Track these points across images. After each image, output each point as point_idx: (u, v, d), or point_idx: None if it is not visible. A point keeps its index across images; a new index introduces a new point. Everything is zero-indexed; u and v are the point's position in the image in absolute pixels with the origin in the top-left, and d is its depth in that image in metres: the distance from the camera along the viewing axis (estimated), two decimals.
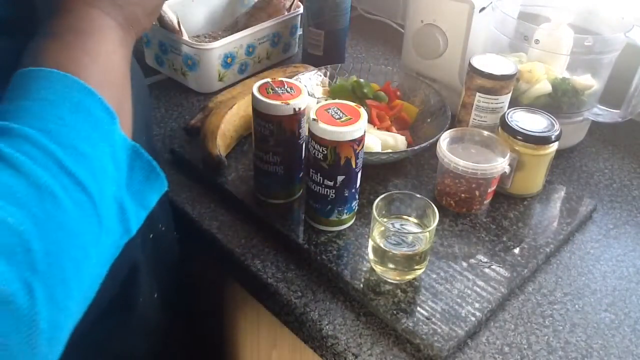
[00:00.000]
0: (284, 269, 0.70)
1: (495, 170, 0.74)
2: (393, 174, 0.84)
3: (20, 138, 0.38)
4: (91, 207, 0.40)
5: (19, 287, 0.35)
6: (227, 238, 0.74)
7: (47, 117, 0.40)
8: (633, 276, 0.72)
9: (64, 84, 0.42)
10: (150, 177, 0.47)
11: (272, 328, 0.78)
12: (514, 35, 0.88)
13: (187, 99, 1.00)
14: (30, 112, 0.40)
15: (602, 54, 0.86)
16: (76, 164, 0.40)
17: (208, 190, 0.81)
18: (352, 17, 1.11)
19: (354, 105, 0.68)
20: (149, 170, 0.47)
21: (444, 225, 0.75)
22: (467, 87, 0.83)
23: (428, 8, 0.92)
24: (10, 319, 0.35)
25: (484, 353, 0.62)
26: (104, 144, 0.43)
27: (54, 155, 0.39)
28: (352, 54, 1.17)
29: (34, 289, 0.36)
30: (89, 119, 0.42)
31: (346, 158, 0.66)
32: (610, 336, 0.65)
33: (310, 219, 0.74)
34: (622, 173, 0.90)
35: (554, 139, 0.77)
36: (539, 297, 0.69)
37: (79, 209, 0.39)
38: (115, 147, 0.44)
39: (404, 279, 0.67)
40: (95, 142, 0.42)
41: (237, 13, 1.15)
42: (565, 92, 0.87)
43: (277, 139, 0.71)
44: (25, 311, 0.35)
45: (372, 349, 0.62)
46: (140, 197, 0.47)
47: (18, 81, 0.42)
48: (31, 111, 0.40)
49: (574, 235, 0.78)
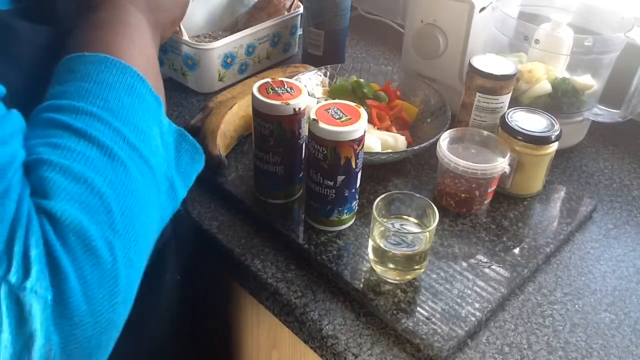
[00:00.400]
0: (284, 269, 0.70)
1: (495, 170, 0.74)
2: (393, 174, 0.84)
3: (88, 115, 0.42)
4: (153, 179, 0.44)
5: (102, 244, 0.38)
6: (227, 238, 0.74)
7: (108, 97, 0.44)
8: (633, 276, 0.72)
9: (119, 70, 0.46)
10: (195, 158, 0.52)
11: (272, 328, 0.78)
12: (514, 35, 0.88)
13: (187, 99, 1.00)
14: (91, 93, 0.43)
15: (602, 54, 0.86)
16: (138, 140, 0.44)
17: (208, 190, 0.81)
18: (352, 17, 1.11)
19: (354, 105, 0.68)
20: (194, 151, 0.52)
21: (444, 225, 0.75)
22: (467, 87, 0.83)
23: (428, 8, 0.92)
24: (97, 274, 0.38)
25: (484, 353, 0.62)
26: (155, 126, 0.47)
27: (119, 131, 0.42)
28: (352, 54, 1.17)
29: (115, 246, 0.39)
30: (142, 102, 0.46)
31: (346, 158, 0.66)
32: (610, 336, 0.65)
33: (310, 219, 0.74)
34: (622, 173, 0.90)
35: (554, 139, 0.77)
36: (539, 297, 0.69)
37: (144, 179, 0.43)
38: (163, 130, 0.48)
39: (404, 279, 0.67)
40: (150, 123, 0.46)
41: (237, 13, 1.15)
42: (565, 92, 0.87)
43: (277, 139, 0.71)
44: (109, 266, 0.38)
45: (372, 349, 0.62)
46: (186, 176, 0.51)
47: (74, 65, 0.45)
48: (93, 92, 0.43)
49: (574, 235, 0.78)
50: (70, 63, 0.46)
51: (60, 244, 0.37)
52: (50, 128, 0.41)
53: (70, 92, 0.43)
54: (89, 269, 0.37)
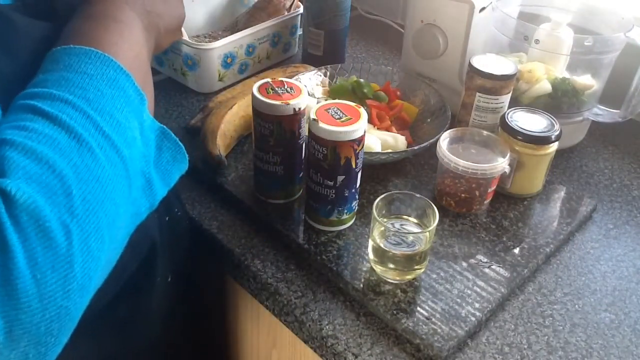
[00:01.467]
0: (284, 269, 0.70)
1: (495, 170, 0.74)
2: (393, 174, 0.84)
3: (62, 102, 0.42)
4: (123, 169, 0.43)
5: (58, 227, 0.37)
6: (227, 238, 0.74)
7: (87, 87, 0.44)
8: (633, 276, 0.72)
9: (103, 62, 0.46)
10: (177, 157, 0.52)
11: (272, 328, 0.78)
12: (514, 35, 0.88)
13: (187, 99, 1.00)
14: (71, 82, 0.43)
15: (602, 54, 0.86)
16: (112, 129, 0.43)
17: (208, 190, 0.81)
18: (352, 17, 1.11)
19: (354, 105, 0.68)
20: (176, 151, 0.51)
21: (444, 225, 0.75)
22: (467, 87, 0.83)
23: (428, 8, 0.92)
24: (49, 257, 0.36)
25: (484, 353, 0.62)
26: (134, 120, 0.46)
27: (93, 119, 0.42)
28: (352, 54, 1.17)
29: (72, 231, 0.38)
30: (123, 95, 0.46)
31: (346, 158, 0.66)
32: (610, 336, 0.65)
33: (310, 219, 0.74)
34: (622, 173, 0.90)
35: (554, 139, 0.77)
36: (539, 297, 0.69)
37: (114, 168, 0.42)
38: (144, 126, 0.48)
39: (404, 279, 0.67)
40: (128, 116, 0.45)
41: (237, 13, 1.15)
42: (565, 92, 0.87)
43: (277, 139, 0.71)
44: (63, 250, 0.37)
45: (372, 349, 0.62)
46: (167, 175, 0.50)
47: (59, 56, 0.46)
48: (72, 81, 0.44)
49: (574, 235, 0.78)
50: (56, 54, 0.46)
51: (11, 222, 0.35)
52: (23, 113, 0.41)
53: (50, 81, 0.43)
54: (40, 250, 0.36)
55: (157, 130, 0.50)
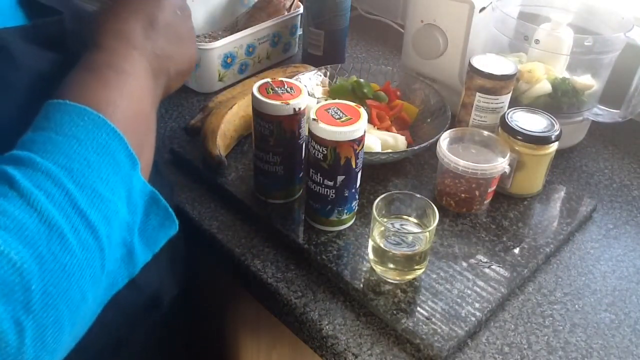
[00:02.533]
0: (284, 269, 0.70)
1: (495, 170, 0.74)
2: (393, 174, 0.84)
3: (42, 173, 0.40)
4: (97, 251, 0.41)
5: (10, 326, 0.35)
6: (227, 238, 0.74)
7: (73, 155, 0.42)
8: (633, 276, 0.72)
9: (95, 124, 0.44)
10: (165, 224, 0.49)
11: (272, 328, 0.78)
12: (514, 35, 0.88)
13: (187, 99, 1.00)
14: (57, 147, 0.42)
15: (602, 54, 0.86)
16: (91, 206, 0.41)
17: (208, 190, 0.81)
18: (352, 17, 1.11)
19: (354, 105, 0.68)
20: (165, 217, 0.49)
21: (444, 225, 0.75)
22: (467, 87, 0.83)
23: (428, 8, 0.92)
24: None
25: (484, 353, 0.62)
26: (121, 189, 0.44)
27: (71, 195, 0.40)
28: (352, 54, 1.17)
29: (25, 328, 0.36)
30: (111, 162, 0.44)
31: (346, 158, 0.66)
32: (610, 336, 0.65)
33: (310, 219, 0.74)
34: (622, 173, 0.90)
35: (554, 139, 0.77)
36: (539, 297, 0.69)
37: (85, 252, 0.40)
38: (132, 192, 0.46)
39: (404, 279, 0.67)
40: (114, 186, 0.43)
41: (237, 13, 1.15)
42: (565, 92, 0.87)
43: (277, 139, 0.71)
44: (12, 350, 0.36)
45: (372, 349, 0.62)
46: (152, 241, 0.48)
47: (51, 112, 0.44)
48: (59, 146, 0.42)
49: (574, 235, 0.78)
50: (50, 109, 0.44)
51: None
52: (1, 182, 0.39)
53: (37, 142, 0.42)
54: None
55: (147, 195, 0.48)
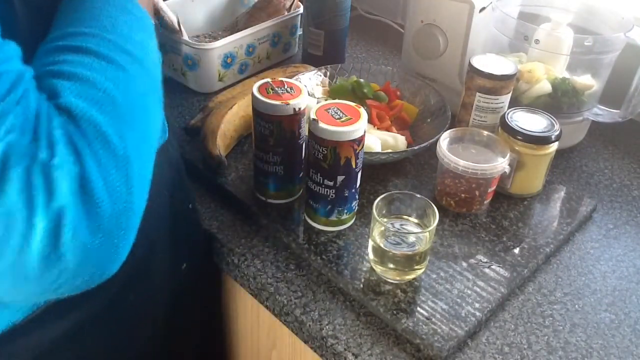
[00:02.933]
0: (284, 269, 0.70)
1: (495, 170, 0.74)
2: (393, 174, 0.84)
3: (81, 35, 0.45)
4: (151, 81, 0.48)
5: (113, 132, 0.42)
6: (227, 238, 0.74)
7: (100, 17, 0.47)
8: (633, 276, 0.72)
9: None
10: None
11: (272, 328, 0.78)
12: (514, 35, 0.88)
13: (187, 99, 0.99)
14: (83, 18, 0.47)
15: (602, 54, 0.86)
16: (134, 48, 0.47)
17: (208, 190, 0.81)
18: (352, 17, 1.11)
19: (354, 105, 0.68)
20: None
21: (444, 225, 0.75)
22: (467, 87, 0.83)
23: (428, 8, 0.92)
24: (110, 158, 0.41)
25: (484, 353, 0.62)
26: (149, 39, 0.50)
27: (114, 42, 0.46)
28: (352, 54, 1.17)
29: (124, 135, 0.43)
30: (134, 18, 0.49)
31: (346, 158, 0.66)
32: (610, 336, 0.65)
33: (310, 219, 0.74)
34: (622, 173, 0.90)
35: (554, 139, 0.77)
36: (539, 297, 0.69)
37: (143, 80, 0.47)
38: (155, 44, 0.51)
39: (404, 279, 0.67)
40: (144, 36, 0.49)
41: (237, 13, 1.15)
42: (565, 92, 0.87)
43: (277, 139, 0.71)
44: (121, 152, 0.42)
45: (372, 349, 0.62)
46: None
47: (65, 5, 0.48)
48: (84, 17, 0.47)
49: (574, 235, 0.78)
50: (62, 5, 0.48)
51: (76, 131, 0.40)
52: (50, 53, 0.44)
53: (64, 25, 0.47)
54: (102, 152, 0.41)
55: None
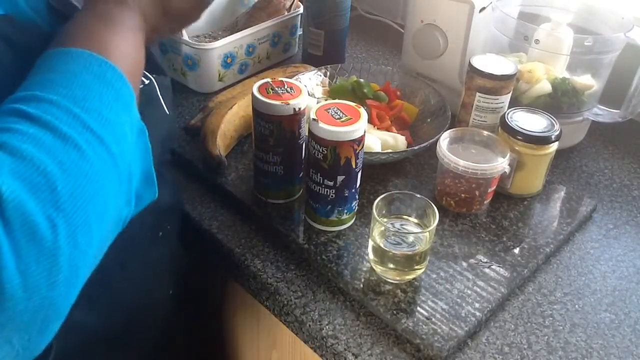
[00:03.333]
0: (284, 269, 0.70)
1: (495, 170, 0.74)
2: (393, 174, 0.84)
3: (46, 103, 0.41)
4: (113, 165, 0.43)
5: (43, 221, 0.37)
6: (227, 238, 0.74)
7: (72, 85, 0.43)
8: (633, 276, 0.72)
9: (87, 60, 0.45)
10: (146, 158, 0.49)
11: (272, 328, 0.78)
12: (514, 35, 0.88)
13: (187, 99, 1.00)
14: (55, 82, 0.43)
15: (602, 54, 0.86)
16: (100, 127, 0.42)
17: (208, 190, 0.81)
18: (352, 17, 1.11)
19: (354, 105, 0.68)
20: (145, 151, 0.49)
21: (444, 225, 0.75)
22: (467, 87, 0.83)
23: (428, 8, 0.92)
24: (33, 249, 0.37)
25: (484, 353, 0.62)
26: (124, 115, 0.45)
27: (79, 117, 0.41)
28: (352, 54, 1.17)
29: (57, 225, 0.38)
30: (111, 90, 0.45)
31: (346, 158, 0.66)
32: (610, 336, 0.65)
33: (310, 219, 0.74)
34: (622, 173, 0.90)
35: (554, 139, 0.77)
36: (539, 297, 0.69)
37: (102, 163, 0.42)
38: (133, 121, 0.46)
39: (404, 279, 0.67)
40: (117, 111, 0.45)
41: (237, 13, 1.15)
42: (565, 92, 0.87)
43: (277, 139, 0.71)
44: (48, 244, 0.37)
45: (372, 349, 0.62)
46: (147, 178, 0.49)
47: (42, 61, 0.45)
48: (56, 81, 0.43)
49: (574, 235, 0.78)
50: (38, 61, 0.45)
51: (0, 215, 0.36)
52: (7, 116, 0.40)
53: (34, 84, 0.43)
54: (24, 243, 0.36)
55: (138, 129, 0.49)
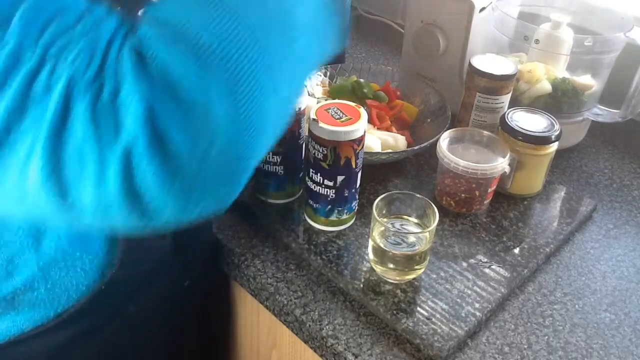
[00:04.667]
0: (284, 269, 0.70)
1: (495, 170, 0.74)
2: (393, 174, 0.84)
3: None
4: None
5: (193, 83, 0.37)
6: (227, 238, 0.74)
7: None
8: (633, 276, 0.72)
9: None
10: None
11: (272, 328, 0.78)
12: (514, 35, 0.88)
13: None
14: None
15: (602, 54, 0.86)
16: None
17: None
18: (352, 17, 1.11)
19: (354, 105, 0.68)
20: None
21: (444, 225, 0.75)
22: (467, 87, 0.83)
23: (428, 8, 0.92)
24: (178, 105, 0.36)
25: (484, 353, 0.62)
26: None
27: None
28: (352, 54, 1.17)
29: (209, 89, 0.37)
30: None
31: (346, 158, 0.66)
32: (610, 336, 0.65)
33: (310, 219, 0.74)
34: (622, 173, 0.90)
35: (554, 139, 0.77)
36: (539, 297, 0.69)
37: None
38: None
39: (404, 279, 0.67)
40: None
41: None
42: (565, 92, 0.87)
43: (277, 139, 0.71)
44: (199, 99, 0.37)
45: (372, 349, 0.62)
46: None
47: None
48: None
49: (574, 235, 0.78)
50: None
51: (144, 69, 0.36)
52: None
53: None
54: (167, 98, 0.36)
55: None
